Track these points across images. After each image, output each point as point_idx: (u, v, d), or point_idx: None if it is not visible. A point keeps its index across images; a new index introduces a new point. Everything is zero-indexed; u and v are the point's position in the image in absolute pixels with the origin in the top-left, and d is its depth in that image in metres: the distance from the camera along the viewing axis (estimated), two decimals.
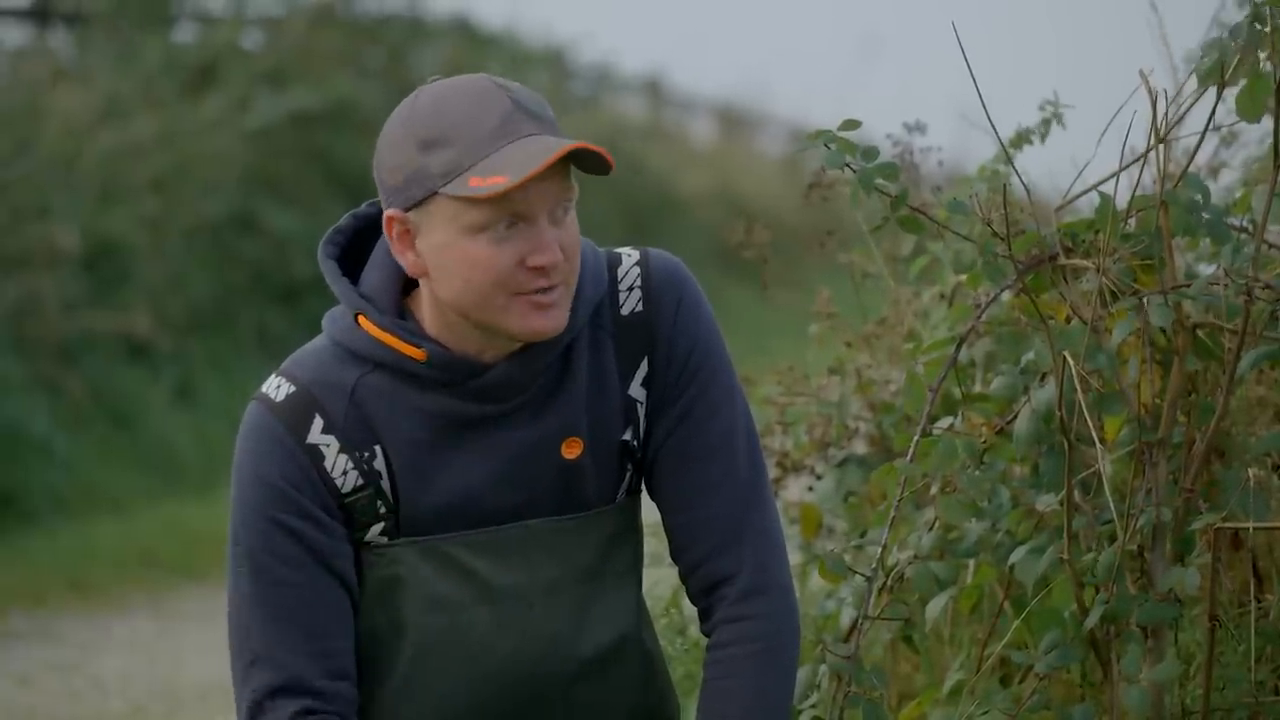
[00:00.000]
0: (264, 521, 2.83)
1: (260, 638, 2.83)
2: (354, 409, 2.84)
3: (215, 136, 11.69)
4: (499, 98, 2.76)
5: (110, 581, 8.37)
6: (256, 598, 2.83)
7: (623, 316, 2.91)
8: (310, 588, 2.84)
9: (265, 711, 2.83)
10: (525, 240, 2.75)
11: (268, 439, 2.84)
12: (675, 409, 2.91)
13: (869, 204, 3.27)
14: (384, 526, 2.86)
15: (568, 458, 2.88)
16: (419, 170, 2.75)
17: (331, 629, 2.85)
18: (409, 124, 2.77)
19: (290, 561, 2.83)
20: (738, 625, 2.90)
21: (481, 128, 2.74)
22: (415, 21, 14.66)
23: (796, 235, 7.68)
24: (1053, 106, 3.79)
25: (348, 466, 2.84)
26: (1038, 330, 3.26)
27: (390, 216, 2.79)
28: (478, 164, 2.72)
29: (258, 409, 2.86)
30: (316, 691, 2.83)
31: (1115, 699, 3.22)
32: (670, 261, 2.95)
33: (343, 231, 2.92)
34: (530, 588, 2.88)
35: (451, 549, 2.86)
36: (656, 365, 2.91)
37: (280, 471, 2.83)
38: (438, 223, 2.76)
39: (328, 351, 2.87)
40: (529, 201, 2.74)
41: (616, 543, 2.93)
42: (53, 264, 9.90)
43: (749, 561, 2.91)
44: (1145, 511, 3.18)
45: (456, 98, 2.76)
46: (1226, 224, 3.22)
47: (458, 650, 2.88)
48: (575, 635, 2.91)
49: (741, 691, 2.88)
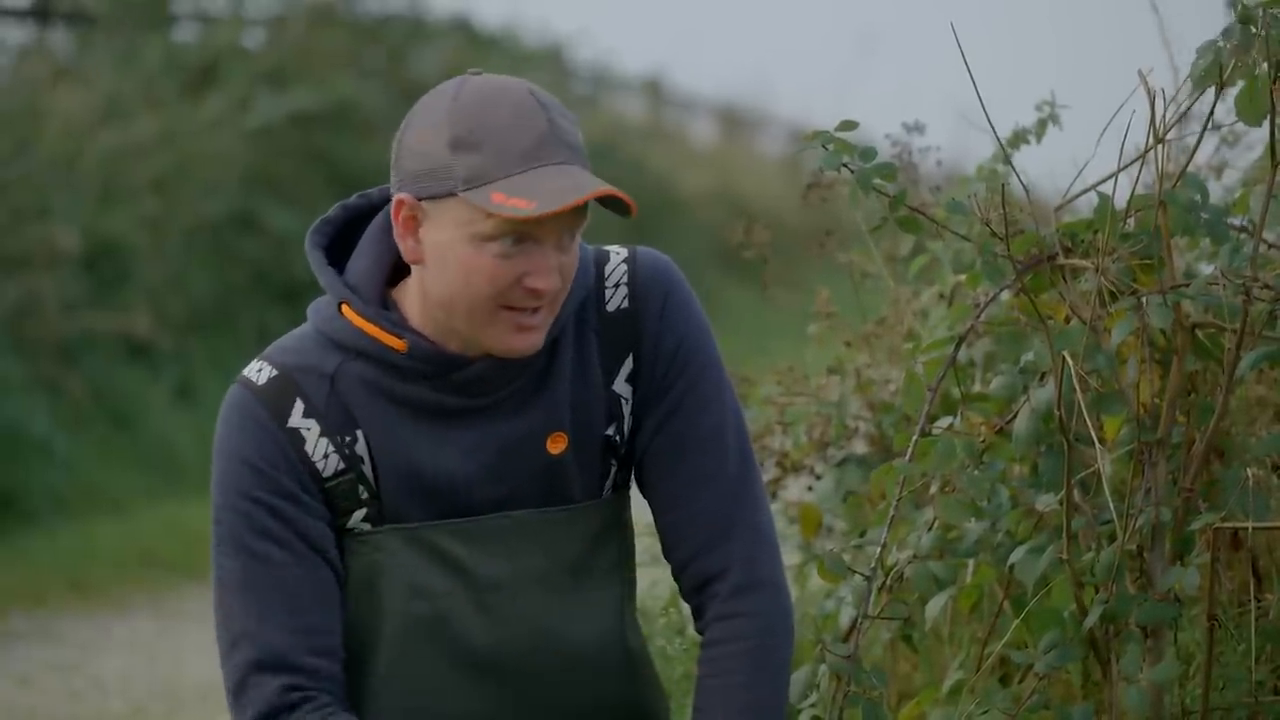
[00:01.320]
0: (245, 501, 2.83)
1: (242, 616, 2.84)
2: (335, 395, 2.85)
3: (215, 136, 11.69)
4: (538, 117, 2.76)
5: (110, 581, 8.36)
6: (238, 576, 2.84)
7: (608, 313, 2.91)
8: (293, 566, 2.84)
9: (249, 688, 2.83)
10: (529, 261, 2.76)
11: (249, 420, 2.85)
12: (663, 405, 2.91)
13: (868, 204, 3.27)
14: (366, 513, 2.86)
15: (552, 453, 2.88)
16: (443, 166, 2.75)
17: (315, 607, 2.85)
18: (445, 118, 2.76)
19: (272, 539, 2.83)
20: (729, 623, 2.90)
21: (516, 144, 2.74)
22: (415, 21, 14.67)
23: (796, 235, 7.68)
24: (1050, 107, 3.79)
25: (329, 450, 2.85)
26: (1037, 330, 3.26)
27: (401, 199, 2.79)
28: (504, 180, 2.73)
29: (239, 391, 2.87)
30: (301, 668, 2.83)
31: (1114, 699, 3.22)
32: (658, 259, 2.95)
33: (331, 222, 2.93)
34: (514, 579, 2.88)
35: (435, 537, 2.87)
36: (642, 360, 2.91)
37: (260, 452, 2.84)
38: (448, 221, 2.76)
39: (310, 339, 2.89)
40: (543, 228, 2.75)
41: (602, 539, 2.93)
42: (53, 264, 9.90)
43: (739, 558, 2.90)
44: (1144, 511, 3.18)
45: (497, 105, 2.76)
46: (1225, 224, 3.23)
47: (439, 639, 2.88)
48: (558, 629, 2.90)
49: (734, 690, 2.88)
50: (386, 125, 12.69)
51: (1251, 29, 3.10)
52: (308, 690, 2.83)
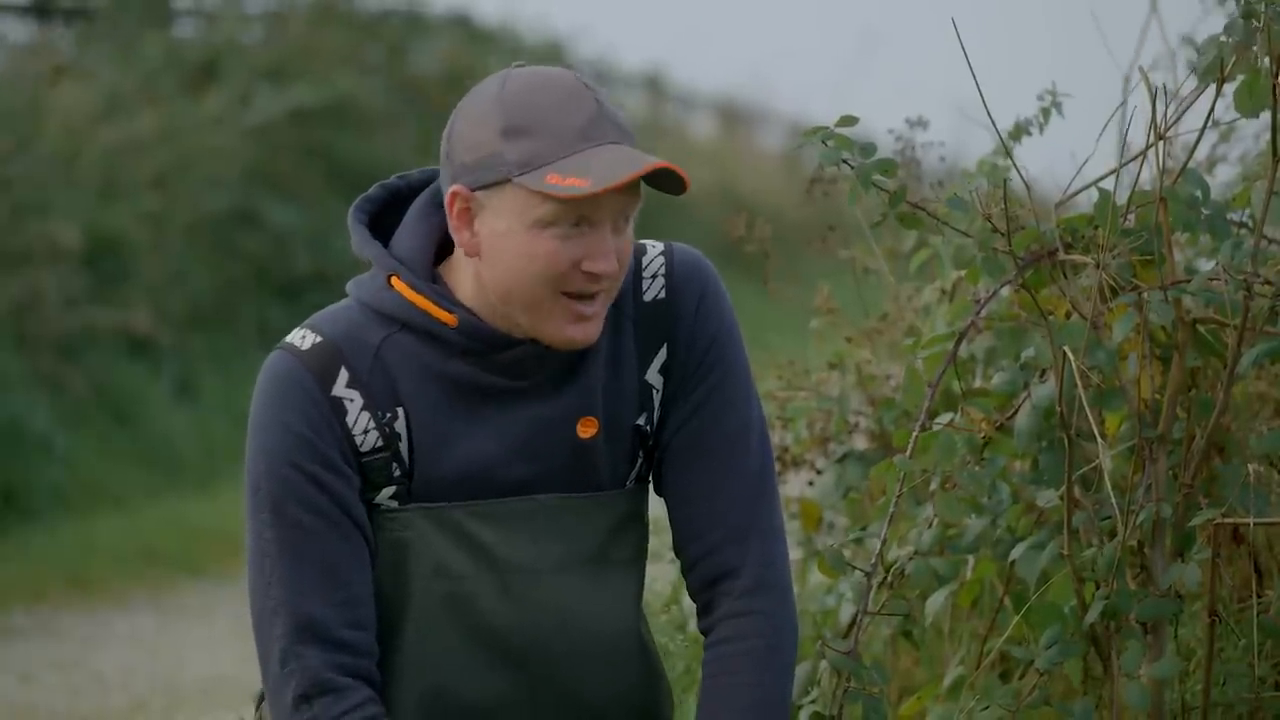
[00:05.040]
0: (287, 468, 2.82)
1: (282, 586, 2.82)
2: (379, 368, 2.84)
3: (216, 132, 11.69)
4: (587, 98, 2.77)
5: (111, 577, 8.36)
6: (279, 545, 2.82)
7: (645, 302, 2.92)
8: (333, 536, 2.82)
9: (291, 660, 2.82)
10: (586, 244, 2.77)
11: (294, 387, 2.83)
12: (691, 400, 2.92)
13: (869, 199, 3.27)
14: (395, 491, 2.86)
15: (583, 437, 2.88)
16: (496, 154, 2.76)
17: (354, 578, 2.84)
18: (496, 106, 2.77)
19: (313, 509, 2.82)
20: (739, 621, 2.90)
21: (568, 126, 2.75)
22: (415, 17, 14.67)
23: (797, 231, 7.67)
24: (1051, 96, 3.78)
25: (369, 426, 2.84)
26: (1038, 326, 3.26)
27: (455, 192, 2.79)
28: (558, 161, 2.74)
29: (284, 357, 2.85)
30: (343, 643, 2.82)
31: (1115, 695, 3.22)
32: (696, 255, 2.97)
33: (372, 200, 2.94)
34: (537, 562, 2.89)
35: (460, 518, 2.87)
36: (676, 353, 2.92)
37: (305, 419, 2.82)
38: (504, 209, 2.77)
39: (354, 311, 2.88)
40: (600, 208, 2.76)
41: (623, 529, 2.94)
42: (53, 260, 9.90)
43: (754, 558, 2.91)
44: (1145, 507, 3.18)
45: (546, 90, 2.77)
46: (1226, 219, 3.23)
47: (462, 620, 2.88)
48: (577, 615, 2.91)
49: (742, 688, 2.88)
50: (386, 121, 12.72)
51: (1253, 23, 3.10)
52: (352, 669, 2.82)
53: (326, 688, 2.81)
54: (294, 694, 2.82)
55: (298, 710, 2.81)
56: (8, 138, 10.06)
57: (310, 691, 2.81)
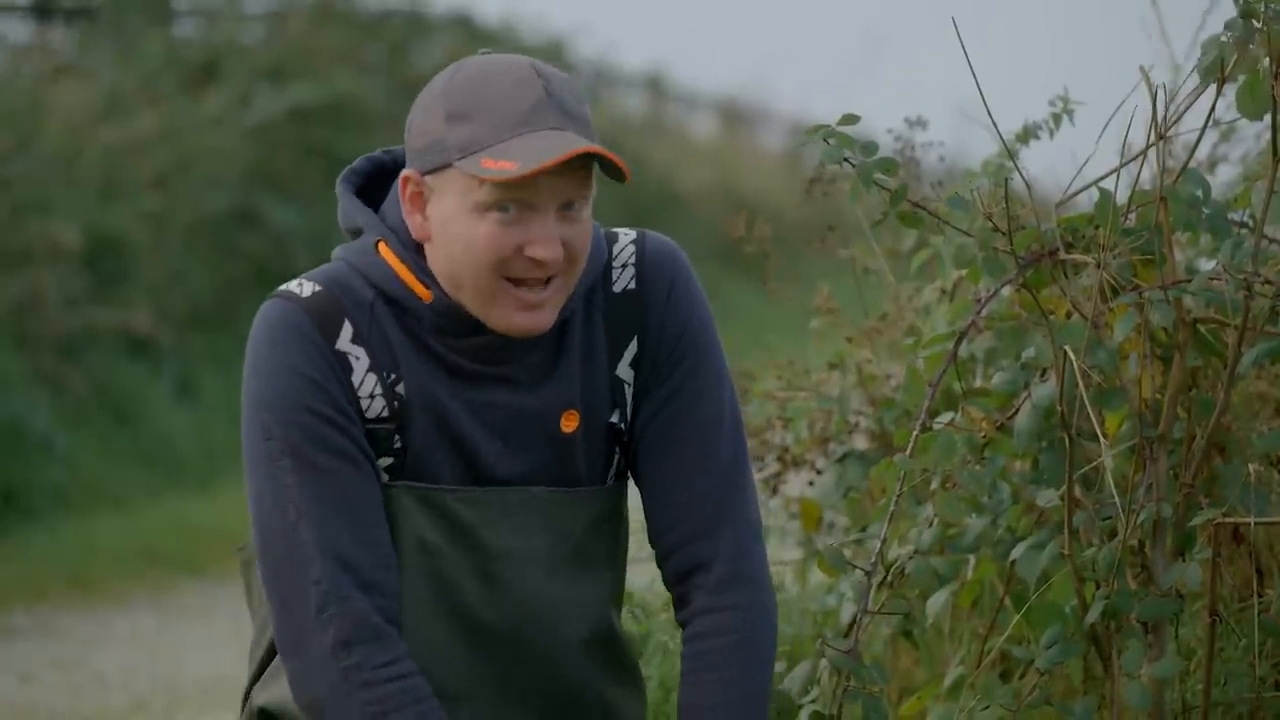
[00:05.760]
0: (301, 413, 2.79)
1: (309, 528, 2.78)
2: (376, 325, 2.83)
3: (216, 132, 11.69)
4: (534, 86, 2.77)
5: (111, 577, 8.36)
6: (302, 489, 2.78)
7: (615, 294, 2.92)
8: (356, 477, 2.80)
9: (338, 601, 2.77)
10: (529, 230, 2.77)
11: (295, 333, 2.80)
12: (663, 389, 2.91)
13: (869, 199, 3.27)
14: (391, 463, 2.85)
15: (565, 431, 2.88)
16: (440, 139, 2.77)
17: (375, 518, 2.81)
18: (445, 93, 2.79)
19: (333, 450, 2.79)
20: (714, 616, 2.89)
21: (508, 112, 2.75)
22: (415, 17, 14.69)
23: (798, 230, 7.68)
24: (1064, 102, 3.77)
25: (375, 390, 2.83)
26: (1038, 325, 3.26)
27: (406, 176, 2.81)
28: (494, 146, 2.74)
29: (282, 305, 2.82)
30: (376, 585, 2.80)
31: (1116, 694, 3.22)
32: (667, 243, 2.95)
33: (358, 172, 2.94)
34: (519, 552, 2.88)
35: (448, 500, 2.86)
36: (646, 345, 2.91)
37: (310, 362, 2.80)
38: (449, 193, 2.78)
39: (343, 269, 2.86)
40: (538, 192, 2.76)
41: (602, 525, 2.93)
42: (54, 260, 9.90)
43: (727, 549, 2.90)
44: (1146, 507, 3.18)
45: (495, 77, 2.78)
46: (1227, 219, 3.22)
47: (443, 602, 2.86)
48: (556, 608, 2.90)
49: (722, 683, 2.88)
50: (387, 121, 12.71)
51: (1253, 23, 3.10)
52: (388, 613, 2.79)
53: (367, 633, 2.78)
54: (334, 639, 2.78)
55: (336, 657, 2.78)
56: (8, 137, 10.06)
57: (352, 637, 2.78)
